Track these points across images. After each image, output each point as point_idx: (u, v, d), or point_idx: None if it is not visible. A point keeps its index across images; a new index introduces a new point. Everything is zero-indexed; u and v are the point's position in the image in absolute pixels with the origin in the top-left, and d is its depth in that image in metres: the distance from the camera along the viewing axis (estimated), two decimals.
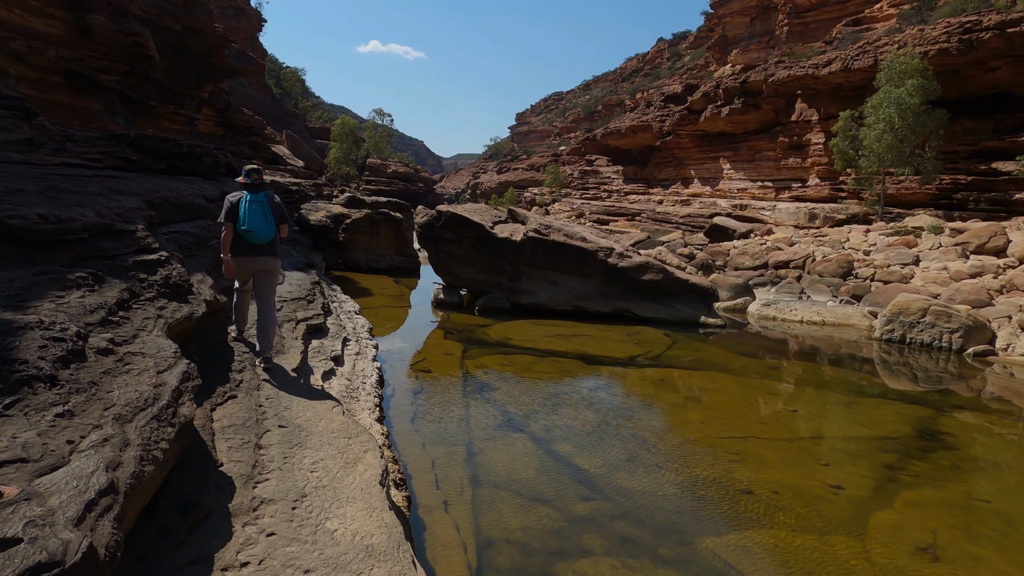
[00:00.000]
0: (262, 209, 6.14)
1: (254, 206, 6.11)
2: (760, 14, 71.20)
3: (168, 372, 3.80)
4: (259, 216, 6.11)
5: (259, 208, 6.13)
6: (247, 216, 6.07)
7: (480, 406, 8.04)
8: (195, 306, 5.66)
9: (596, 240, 15.08)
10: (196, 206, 10.25)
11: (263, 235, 6.13)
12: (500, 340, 11.76)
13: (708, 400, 8.89)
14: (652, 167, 49.17)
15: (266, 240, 6.19)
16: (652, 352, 11.47)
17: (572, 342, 11.90)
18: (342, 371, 7.78)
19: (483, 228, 14.68)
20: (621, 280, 14.43)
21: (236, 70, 27.28)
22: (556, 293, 14.61)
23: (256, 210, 6.11)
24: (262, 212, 6.13)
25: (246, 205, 6.10)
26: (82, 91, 19.58)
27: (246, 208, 6.09)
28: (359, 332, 10.10)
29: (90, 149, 12.39)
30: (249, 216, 6.07)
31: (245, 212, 6.07)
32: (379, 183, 63.67)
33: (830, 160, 32.25)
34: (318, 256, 18.00)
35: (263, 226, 6.11)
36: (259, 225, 6.09)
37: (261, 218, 6.11)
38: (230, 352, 6.28)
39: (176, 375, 3.80)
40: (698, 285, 14.59)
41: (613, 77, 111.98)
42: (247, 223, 6.06)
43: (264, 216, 6.14)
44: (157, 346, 4.15)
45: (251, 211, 6.09)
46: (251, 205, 6.11)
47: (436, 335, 12.02)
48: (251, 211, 6.09)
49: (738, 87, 37.54)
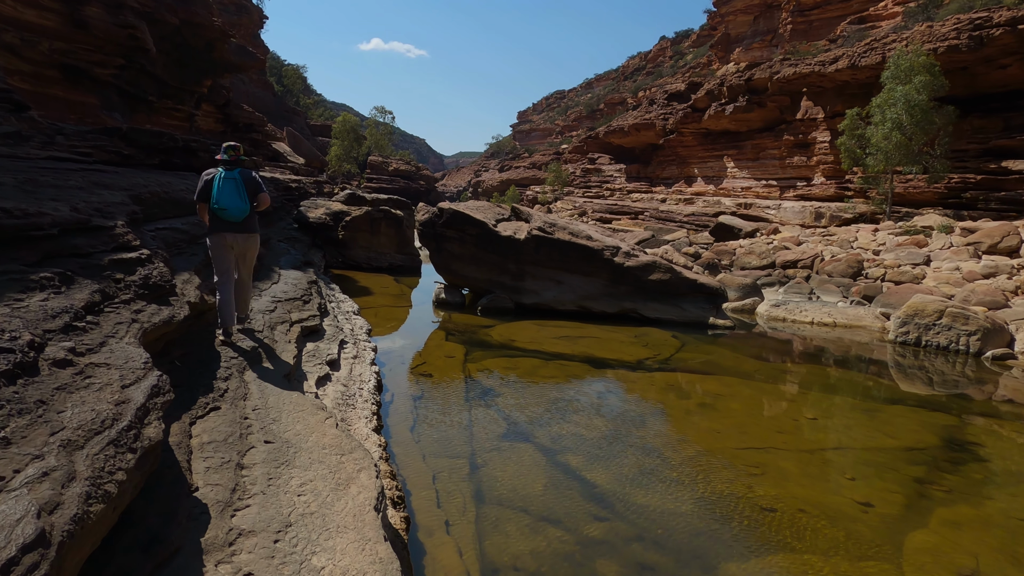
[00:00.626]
0: (235, 186, 6.01)
1: (227, 183, 6.00)
2: (763, 12, 70.59)
3: (135, 386, 3.35)
4: (232, 193, 6.00)
5: (232, 185, 6.00)
6: (219, 194, 5.97)
7: (484, 413, 7.59)
8: (176, 309, 5.21)
9: (602, 238, 14.62)
10: (188, 202, 9.78)
11: (237, 212, 6.03)
12: (503, 342, 11.30)
13: (722, 407, 8.43)
14: (655, 165, 48.67)
15: (240, 217, 6.08)
16: (661, 355, 11.01)
17: (578, 344, 11.45)
18: (338, 376, 7.33)
19: (486, 226, 14.22)
20: (627, 280, 13.97)
21: (236, 65, 26.81)
22: (561, 293, 14.15)
23: (228, 188, 6.00)
24: (235, 189, 6.01)
25: (219, 182, 5.99)
26: (78, 85, 19.13)
27: (219, 185, 5.98)
28: (357, 334, 9.65)
29: (81, 143, 11.94)
30: (221, 194, 5.97)
31: (218, 190, 5.98)
32: (380, 181, 63.19)
33: (836, 159, 31.78)
34: (317, 254, 17.54)
35: (236, 203, 6.01)
36: (232, 203, 5.99)
37: (234, 195, 6.00)
38: (216, 357, 5.83)
39: (143, 390, 3.34)
40: (707, 285, 14.13)
41: (615, 75, 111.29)
42: (219, 201, 5.96)
43: (237, 193, 6.02)
44: (126, 355, 3.70)
45: (223, 188, 5.98)
46: (224, 183, 6.00)
47: (437, 336, 11.56)
48: (223, 188, 5.98)
49: (743, 85, 37.03)
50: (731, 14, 73.61)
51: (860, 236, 22.27)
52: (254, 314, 7.71)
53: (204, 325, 6.59)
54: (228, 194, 5.97)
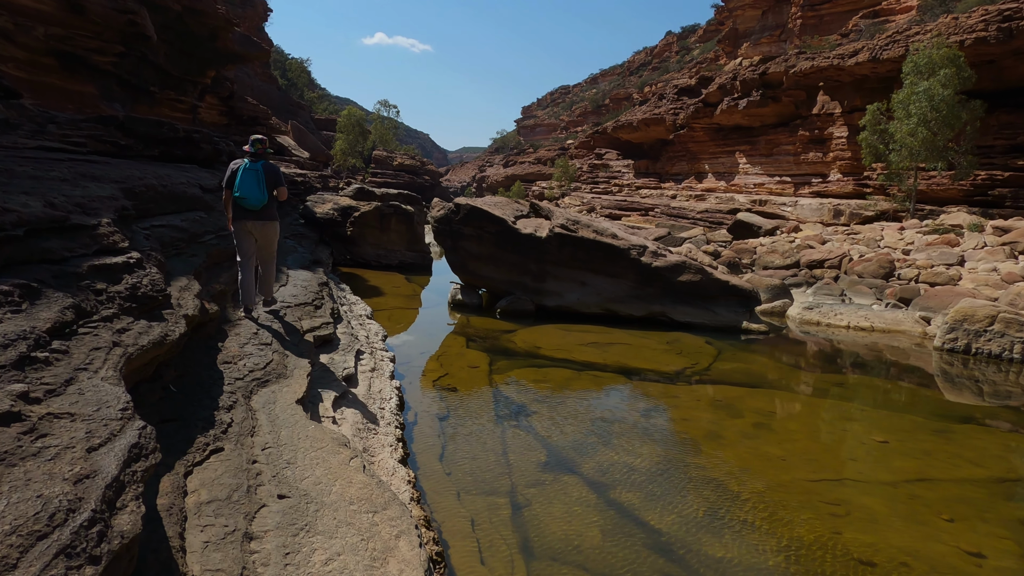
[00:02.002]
0: (255, 177, 6.45)
1: (249, 174, 6.44)
2: (772, 7, 69.45)
3: (106, 448, 2.45)
4: (252, 183, 6.42)
5: (252, 176, 6.44)
6: (241, 183, 6.41)
7: (519, 436, 6.70)
8: (171, 325, 4.32)
9: (627, 237, 13.71)
10: (189, 196, 8.89)
11: (255, 201, 6.46)
12: (528, 349, 10.40)
13: (780, 428, 7.54)
14: (664, 161, 47.68)
15: (258, 206, 6.52)
16: (699, 365, 10.11)
17: (609, 352, 10.55)
18: (356, 394, 6.45)
19: (505, 223, 13.31)
20: (655, 281, 13.07)
21: (240, 55, 25.85)
22: (585, 295, 13.25)
23: (250, 178, 6.43)
24: (255, 180, 6.44)
25: (242, 173, 6.44)
26: (76, 74, 18.21)
27: (242, 175, 6.43)
28: (373, 341, 8.76)
29: (74, 132, 11.03)
30: (242, 183, 6.41)
31: (240, 179, 6.42)
32: (385, 175, 62.21)
33: (854, 155, 30.80)
34: (325, 251, 16.65)
35: (255, 193, 6.43)
36: (251, 192, 6.41)
37: (254, 185, 6.42)
38: (219, 378, 4.95)
39: (118, 453, 2.45)
40: (739, 287, 13.22)
41: (620, 71, 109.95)
42: (240, 190, 6.41)
43: (257, 183, 6.44)
44: (99, 398, 2.81)
45: (245, 178, 6.42)
46: (246, 173, 6.44)
47: (457, 343, 10.66)
48: (245, 178, 6.42)
49: (757, 79, 36.01)
50: (739, 9, 72.40)
51: (886, 235, 21.33)
52: (262, 320, 6.84)
53: (204, 338, 5.70)
54: (249, 184, 6.41)
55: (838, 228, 24.73)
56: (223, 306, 6.86)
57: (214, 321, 6.00)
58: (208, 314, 5.78)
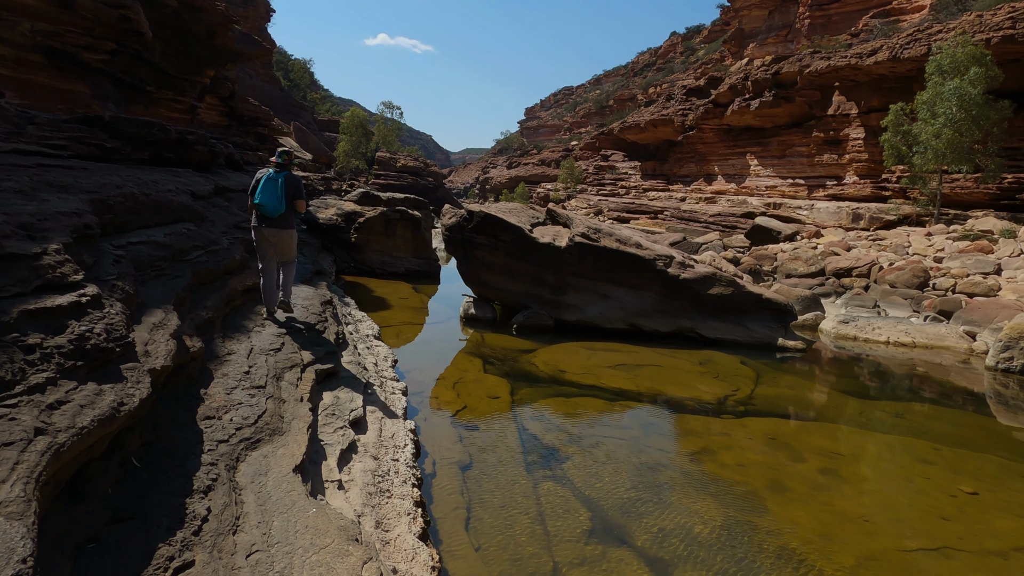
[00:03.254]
0: (274, 187, 6.69)
1: (270, 183, 6.69)
2: (779, 7, 68.42)
3: None
4: (271, 193, 6.68)
5: (272, 186, 6.69)
6: (261, 192, 6.69)
7: (555, 492, 5.67)
8: (129, 387, 3.31)
9: (652, 246, 12.69)
10: (176, 205, 7.88)
11: (272, 210, 6.71)
12: (552, 373, 9.38)
13: (850, 474, 6.52)
14: (672, 162, 46.64)
15: (275, 214, 6.76)
16: (741, 391, 9.08)
17: (640, 376, 9.53)
18: (365, 443, 5.44)
19: (521, 231, 12.30)
20: (683, 294, 12.05)
21: (240, 54, 24.85)
22: (607, 309, 12.23)
23: (269, 187, 6.68)
24: (274, 189, 6.68)
25: (264, 182, 6.69)
26: (66, 72, 17.19)
27: (263, 184, 6.69)
28: (382, 369, 7.75)
29: (54, 134, 10.03)
30: (262, 192, 6.68)
31: (261, 188, 6.68)
32: (388, 177, 61.16)
33: (871, 156, 29.79)
34: (328, 259, 15.65)
35: (273, 202, 6.69)
36: (270, 201, 6.68)
37: (272, 195, 6.67)
38: (198, 441, 3.94)
39: None
40: (774, 301, 12.20)
41: (624, 72, 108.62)
42: (259, 198, 6.69)
43: (275, 193, 6.68)
44: None
45: (266, 187, 6.68)
46: (267, 182, 6.69)
47: (473, 366, 9.62)
48: (266, 187, 6.68)
49: (769, 79, 34.98)
50: (745, 9, 71.32)
51: (913, 241, 20.30)
52: (255, 354, 5.85)
53: (184, 382, 4.70)
54: (268, 193, 6.66)
55: (860, 233, 23.68)
56: (210, 336, 5.85)
57: (197, 360, 5.00)
58: (189, 353, 4.78)
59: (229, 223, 9.74)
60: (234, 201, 12.48)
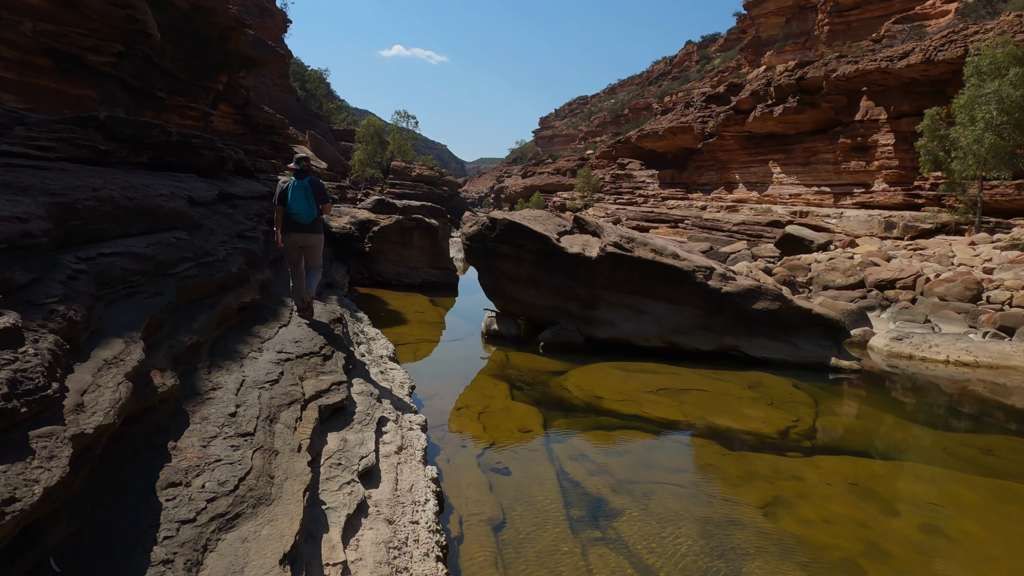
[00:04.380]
0: (305, 194, 6.79)
1: (298, 191, 6.78)
2: (796, 15, 67.27)
3: None
4: (302, 199, 6.79)
5: (302, 192, 6.79)
6: (292, 199, 6.77)
7: (608, 562, 4.57)
8: (33, 470, 2.26)
9: (690, 256, 11.57)
10: (167, 212, 6.89)
11: (305, 216, 6.84)
12: (588, 400, 8.27)
13: (956, 532, 5.35)
14: (691, 171, 45.41)
15: (308, 220, 6.89)
16: (802, 422, 7.92)
17: (685, 402, 8.40)
18: (378, 501, 4.37)
19: (549, 241, 11.22)
20: (725, 309, 10.91)
21: (254, 59, 24.07)
22: (642, 324, 11.11)
23: (300, 194, 6.78)
24: (304, 196, 6.79)
25: (292, 190, 6.78)
26: (73, 76, 16.43)
27: (292, 192, 6.77)
28: (398, 397, 6.69)
29: (43, 135, 9.11)
30: (293, 199, 6.78)
31: (292, 196, 6.77)
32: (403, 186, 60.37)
33: (901, 163, 28.48)
34: (340, 270, 14.67)
35: (305, 208, 6.80)
36: (302, 207, 6.79)
37: (304, 201, 6.79)
38: (152, 524, 2.89)
39: None
40: (825, 316, 11.01)
41: (639, 81, 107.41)
42: (292, 206, 6.78)
43: (306, 199, 6.80)
44: None
45: (295, 195, 6.78)
46: (295, 190, 6.78)
47: (499, 391, 8.52)
48: (295, 195, 6.78)
49: (793, 84, 33.75)
50: (762, 16, 70.12)
51: (957, 250, 18.98)
52: (246, 389, 4.81)
53: (148, 432, 3.66)
54: (299, 200, 6.78)
55: (897, 243, 22.38)
56: (193, 367, 4.82)
57: (169, 401, 3.97)
58: (157, 395, 3.75)
59: (231, 231, 8.74)
60: (240, 208, 11.51)
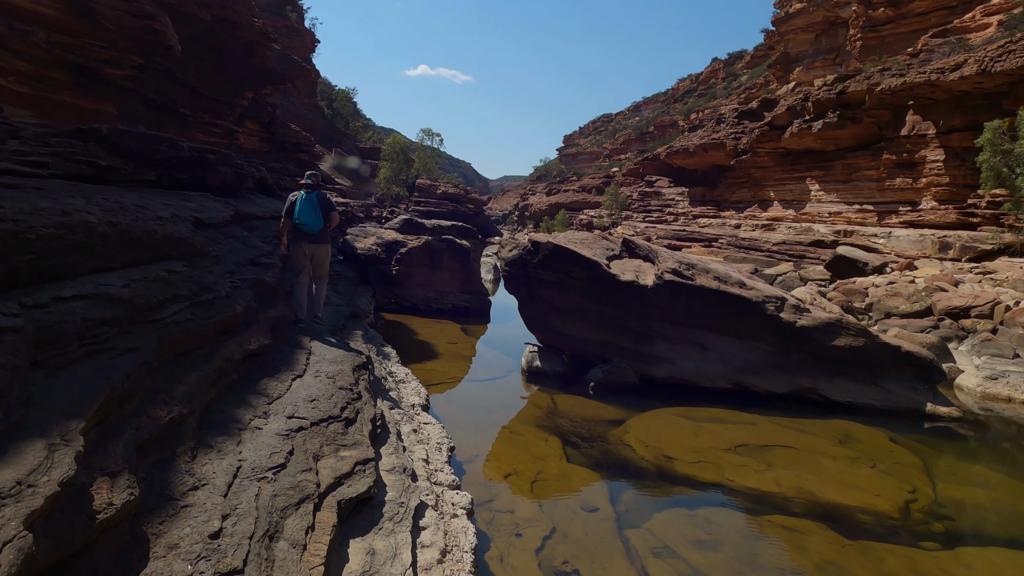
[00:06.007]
0: (312, 206, 7.25)
1: (306, 203, 7.24)
2: (826, 30, 65.62)
3: None
4: (309, 211, 7.22)
5: (310, 205, 7.24)
6: (300, 211, 7.23)
7: None
8: None
9: (757, 285, 10.13)
10: (161, 238, 5.69)
11: (312, 226, 7.26)
12: (656, 461, 6.85)
13: None
14: (722, 188, 43.79)
15: (315, 230, 7.32)
16: (921, 493, 6.41)
17: (773, 464, 6.94)
18: None
19: (599, 267, 9.87)
20: (801, 345, 9.44)
21: (280, 74, 23.22)
22: (705, 363, 9.67)
23: (307, 207, 7.23)
24: (312, 208, 7.24)
25: (300, 202, 7.25)
26: (91, 90, 15.53)
27: (300, 205, 7.24)
28: (437, 470, 5.35)
29: (36, 149, 8.05)
30: (301, 211, 7.23)
31: (299, 208, 7.23)
32: (428, 204, 59.51)
33: (952, 180, 26.67)
34: (366, 295, 13.43)
35: (312, 219, 7.23)
36: (308, 219, 7.22)
37: (311, 213, 7.23)
38: None
39: None
40: (916, 355, 9.48)
41: (664, 98, 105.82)
42: (300, 217, 7.23)
43: (313, 211, 7.25)
44: None
45: (303, 207, 7.23)
46: (304, 203, 7.24)
47: (550, 448, 7.12)
48: (303, 207, 7.23)
49: (833, 99, 32.12)
50: (791, 32, 68.46)
51: None
52: (241, 483, 3.52)
53: None
54: (306, 212, 7.23)
55: (960, 265, 20.62)
56: (169, 454, 3.54)
57: (118, 527, 2.69)
58: (94, 526, 2.47)
59: (242, 258, 7.54)
60: (258, 230, 10.34)
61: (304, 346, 6.53)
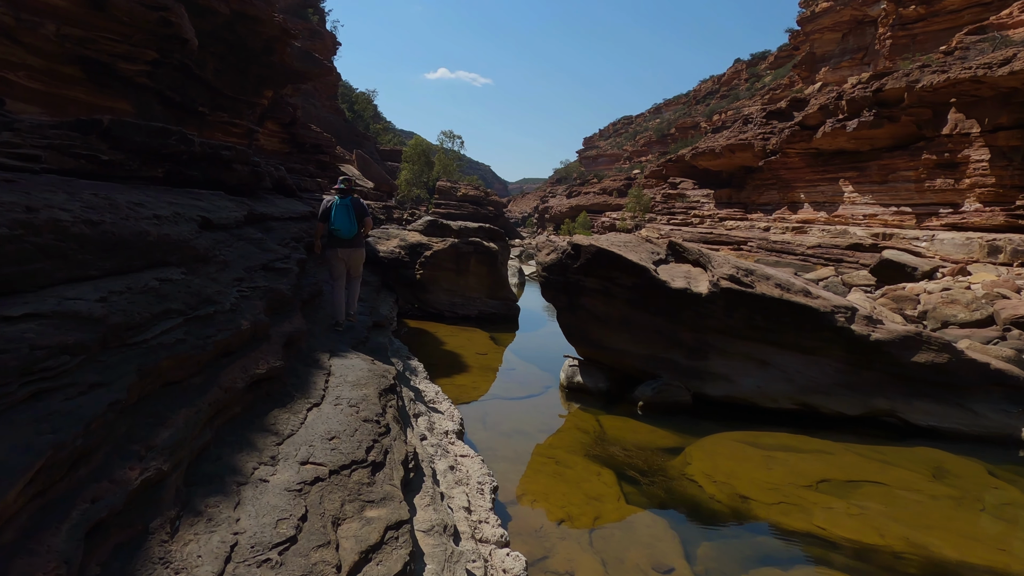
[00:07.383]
0: (347, 212, 7.35)
1: (340, 209, 7.35)
2: (853, 29, 63.93)
3: None
4: (344, 217, 7.32)
5: (344, 211, 7.35)
6: (336, 217, 7.31)
7: None
8: None
9: (824, 294, 9.05)
10: (155, 241, 4.81)
11: (347, 232, 7.36)
12: (729, 502, 5.82)
13: None
14: (750, 190, 42.42)
15: (349, 236, 7.41)
16: None
17: (866, 507, 5.87)
18: None
19: (647, 273, 8.84)
20: (875, 361, 8.34)
21: (300, 73, 22.48)
22: (766, 381, 8.60)
23: (342, 212, 7.34)
24: (346, 214, 7.34)
25: (335, 208, 7.36)
26: (105, 87, 14.80)
27: (335, 211, 7.34)
28: (481, 521, 4.38)
29: (30, 141, 7.25)
30: (336, 217, 7.32)
31: (335, 214, 7.32)
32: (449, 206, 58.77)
33: (999, 180, 25.24)
34: (388, 301, 12.52)
35: (347, 224, 7.33)
36: (343, 224, 7.32)
37: (345, 218, 7.32)
38: None
39: None
40: (1007, 373, 8.34)
41: (686, 100, 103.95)
42: (335, 223, 7.32)
43: (348, 217, 7.33)
44: None
45: (338, 213, 7.34)
46: (339, 208, 7.36)
47: (604, 486, 6.09)
48: (338, 213, 7.34)
49: (869, 97, 30.74)
50: (817, 32, 66.74)
51: None
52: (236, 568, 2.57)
53: None
54: (342, 218, 7.31)
55: (1017, 271, 19.26)
56: (139, 531, 2.61)
57: None
58: None
59: (255, 263, 6.64)
60: (274, 232, 9.44)
61: (323, 365, 5.59)
